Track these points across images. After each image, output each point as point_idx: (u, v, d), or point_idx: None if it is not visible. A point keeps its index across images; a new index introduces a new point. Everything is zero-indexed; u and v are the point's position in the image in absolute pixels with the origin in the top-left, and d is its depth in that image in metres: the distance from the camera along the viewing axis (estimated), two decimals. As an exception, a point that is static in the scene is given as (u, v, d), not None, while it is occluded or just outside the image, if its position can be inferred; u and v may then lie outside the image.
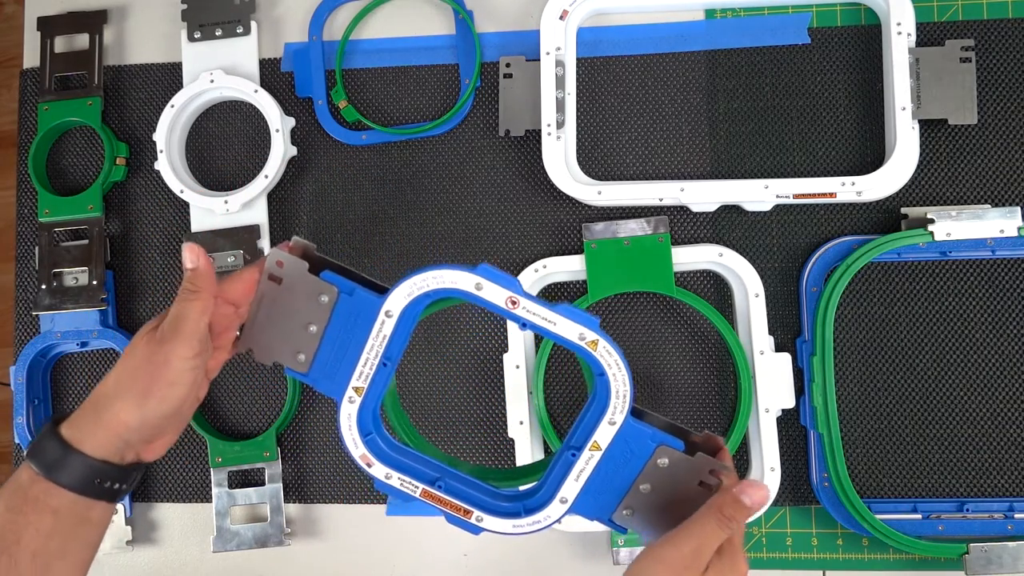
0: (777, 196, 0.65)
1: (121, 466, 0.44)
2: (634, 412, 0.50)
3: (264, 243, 0.71)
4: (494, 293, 0.49)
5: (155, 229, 0.74)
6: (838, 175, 0.66)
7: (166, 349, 0.44)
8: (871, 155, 0.68)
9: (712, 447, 0.49)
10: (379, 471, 0.52)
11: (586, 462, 0.51)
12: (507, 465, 0.69)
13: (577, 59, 0.69)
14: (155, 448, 0.47)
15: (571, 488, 0.51)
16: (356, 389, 0.51)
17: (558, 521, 0.51)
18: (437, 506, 0.52)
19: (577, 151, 0.69)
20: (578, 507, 0.51)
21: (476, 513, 0.52)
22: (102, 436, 0.44)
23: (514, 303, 0.49)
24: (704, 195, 0.66)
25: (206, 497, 0.71)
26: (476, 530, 0.51)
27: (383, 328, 0.51)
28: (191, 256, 0.46)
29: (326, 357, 0.51)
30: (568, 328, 0.49)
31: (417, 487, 0.52)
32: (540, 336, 0.68)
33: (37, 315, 0.72)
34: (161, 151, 0.71)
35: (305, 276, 0.50)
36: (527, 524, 0.52)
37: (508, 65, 0.69)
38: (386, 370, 0.52)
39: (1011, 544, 0.61)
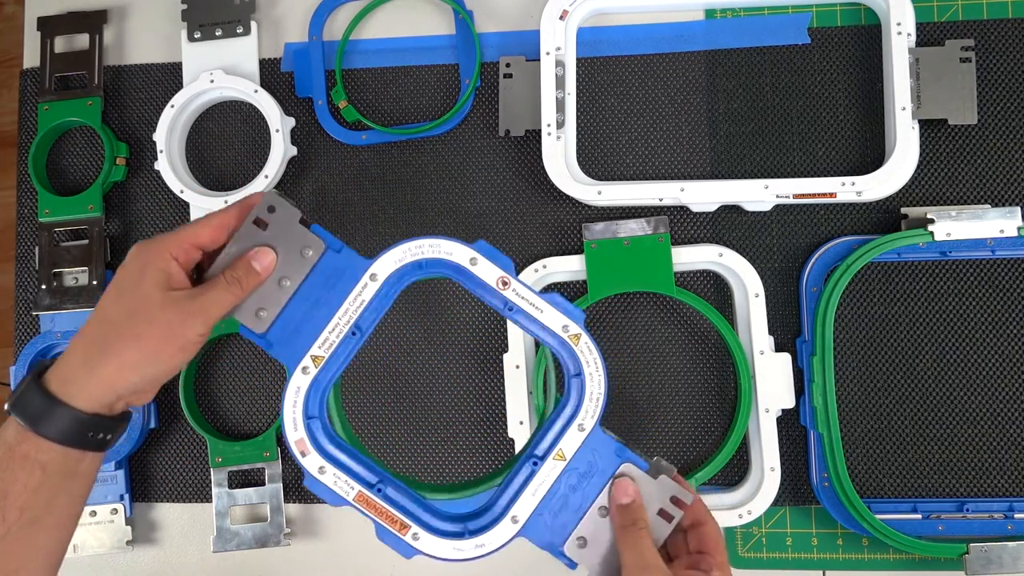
0: (777, 196, 0.65)
1: (111, 417, 0.44)
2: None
3: (264, 243, 0.71)
4: (487, 271, 0.47)
5: (155, 229, 0.74)
6: (838, 175, 0.66)
7: (188, 322, 0.44)
8: (871, 155, 0.68)
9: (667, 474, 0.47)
10: (313, 462, 0.47)
11: (547, 474, 0.47)
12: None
13: (577, 59, 0.69)
14: (143, 397, 0.46)
15: (526, 505, 0.47)
16: (315, 359, 0.47)
17: (504, 546, 0.47)
18: (371, 514, 0.47)
19: (577, 151, 0.69)
20: (529, 529, 0.47)
21: (414, 529, 0.47)
22: (95, 389, 0.43)
23: (505, 283, 0.47)
24: (704, 195, 0.66)
25: (206, 497, 0.71)
26: (409, 552, 0.47)
27: (363, 292, 0.47)
28: (263, 263, 0.46)
29: (290, 318, 0.47)
30: (553, 317, 0.47)
31: (353, 488, 0.47)
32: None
33: (37, 315, 0.72)
34: (161, 151, 0.71)
35: (294, 226, 0.47)
36: (469, 548, 0.47)
37: (508, 65, 0.69)
38: (354, 340, 0.48)
39: (1011, 544, 0.61)
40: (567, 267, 0.67)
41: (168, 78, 0.75)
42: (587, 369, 0.49)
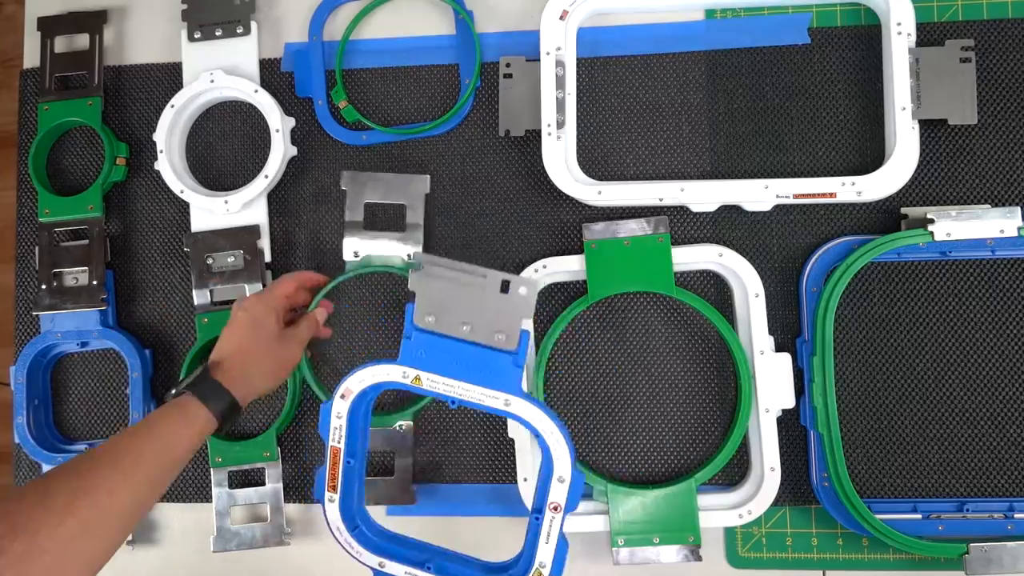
0: (777, 196, 0.65)
1: (240, 406, 0.58)
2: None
3: (264, 243, 0.71)
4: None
5: (155, 229, 0.74)
6: (838, 175, 0.66)
7: (294, 352, 0.62)
8: (871, 155, 0.68)
9: None
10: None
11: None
12: (506, 465, 0.69)
13: (577, 59, 0.69)
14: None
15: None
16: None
17: None
18: None
19: (577, 151, 0.69)
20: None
21: None
22: (247, 391, 0.58)
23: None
24: (704, 195, 0.66)
25: (206, 497, 0.71)
26: None
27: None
28: (322, 313, 0.66)
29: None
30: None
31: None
32: (541, 336, 0.68)
33: (37, 315, 0.72)
34: (161, 151, 0.71)
35: None
36: None
37: (508, 65, 0.69)
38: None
39: (1011, 544, 0.61)
40: (567, 267, 0.67)
41: (168, 78, 0.75)
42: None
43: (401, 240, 0.68)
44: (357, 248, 0.68)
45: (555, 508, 0.55)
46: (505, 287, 0.55)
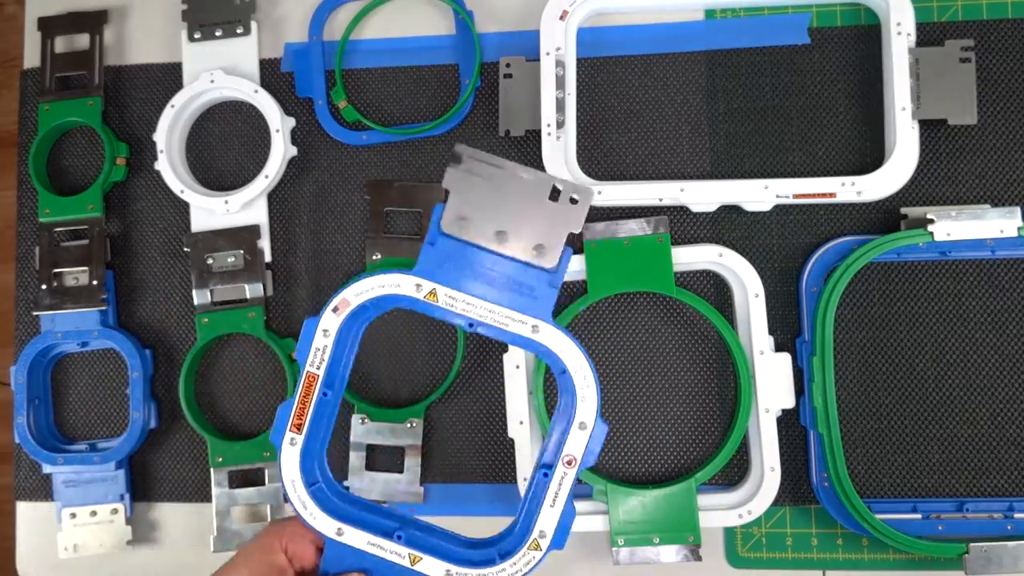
0: (777, 196, 0.65)
1: None
2: None
3: (264, 243, 0.71)
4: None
5: (155, 229, 0.74)
6: (838, 175, 0.66)
7: None
8: (871, 155, 0.68)
9: None
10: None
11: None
12: (506, 466, 0.69)
13: (577, 59, 0.69)
14: None
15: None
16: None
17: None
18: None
19: (577, 151, 0.69)
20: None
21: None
22: None
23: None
24: (704, 195, 0.66)
25: (206, 497, 0.71)
26: None
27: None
28: None
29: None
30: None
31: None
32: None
33: (37, 315, 0.72)
34: (161, 151, 0.71)
35: None
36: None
37: (508, 65, 0.69)
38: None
39: (1011, 544, 0.61)
40: (567, 267, 0.67)
41: (168, 78, 0.75)
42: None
43: (417, 244, 0.69)
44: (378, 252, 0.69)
45: (569, 462, 0.47)
46: (555, 195, 0.48)
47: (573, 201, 0.48)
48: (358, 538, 0.49)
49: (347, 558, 0.49)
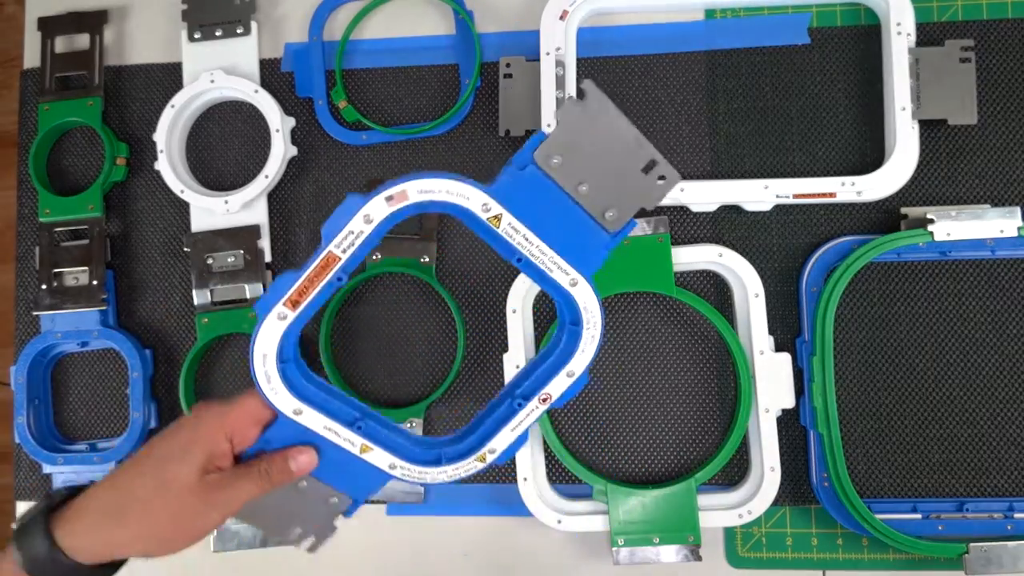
0: (777, 196, 0.65)
1: (105, 565, 0.45)
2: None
3: (264, 243, 0.71)
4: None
5: (155, 229, 0.74)
6: (838, 175, 0.66)
7: (209, 513, 0.45)
8: (871, 155, 0.68)
9: None
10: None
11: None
12: (506, 465, 0.69)
13: (577, 59, 0.69)
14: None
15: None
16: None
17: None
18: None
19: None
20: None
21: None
22: (100, 550, 0.44)
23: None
24: (704, 195, 0.66)
25: (206, 497, 0.71)
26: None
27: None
28: (300, 463, 0.48)
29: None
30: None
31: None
32: (541, 334, 0.68)
33: (37, 315, 0.72)
34: (161, 151, 0.71)
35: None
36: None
37: (508, 65, 0.69)
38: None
39: (1011, 544, 0.61)
40: (567, 267, 0.67)
41: (168, 78, 0.75)
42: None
43: (417, 244, 0.69)
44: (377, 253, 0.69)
45: (544, 400, 0.49)
46: (650, 167, 0.46)
47: (660, 179, 0.46)
48: (315, 420, 0.48)
49: (296, 436, 0.49)
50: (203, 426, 0.46)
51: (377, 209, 0.45)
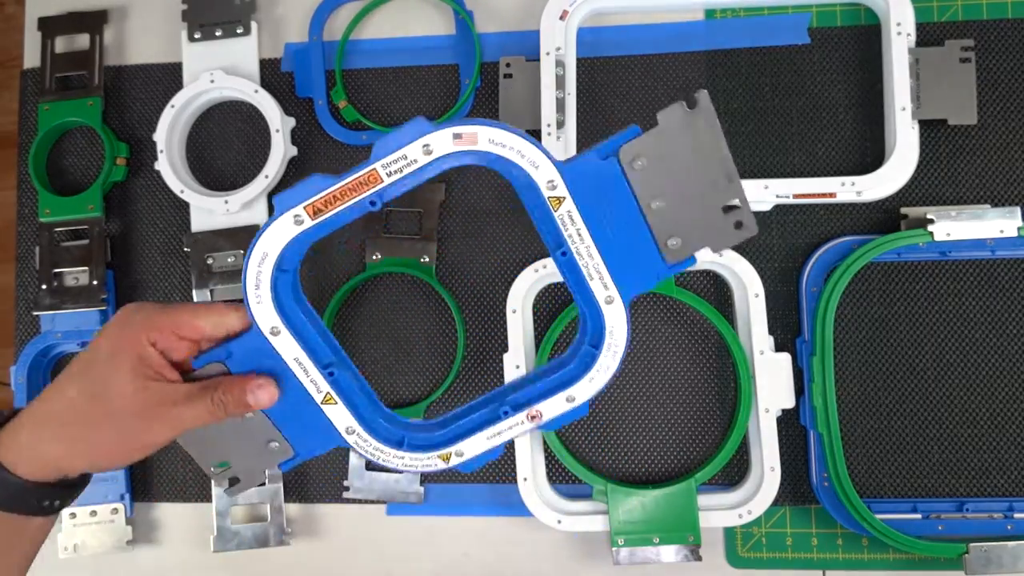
0: (777, 196, 0.65)
1: (60, 484, 0.43)
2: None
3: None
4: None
5: (155, 229, 0.74)
6: (838, 175, 0.66)
7: (155, 427, 0.42)
8: (871, 155, 0.68)
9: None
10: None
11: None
12: (506, 465, 0.69)
13: (577, 59, 0.69)
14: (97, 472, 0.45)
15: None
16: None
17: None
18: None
19: (577, 151, 0.69)
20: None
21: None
22: (39, 466, 0.42)
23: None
24: (704, 195, 0.65)
25: (206, 497, 0.71)
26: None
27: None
28: (259, 399, 0.44)
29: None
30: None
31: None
32: (541, 335, 0.68)
33: (37, 315, 0.72)
34: (161, 151, 0.71)
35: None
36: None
37: (508, 65, 0.69)
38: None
39: (1011, 544, 0.61)
40: (567, 267, 0.67)
41: (168, 78, 0.75)
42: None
43: (417, 244, 0.69)
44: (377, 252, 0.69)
45: (533, 417, 0.45)
46: (731, 208, 0.43)
47: (738, 225, 0.43)
48: (289, 348, 0.44)
49: (256, 358, 0.44)
50: (121, 333, 0.42)
51: (441, 143, 0.41)
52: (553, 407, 0.45)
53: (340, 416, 0.45)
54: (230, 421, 0.45)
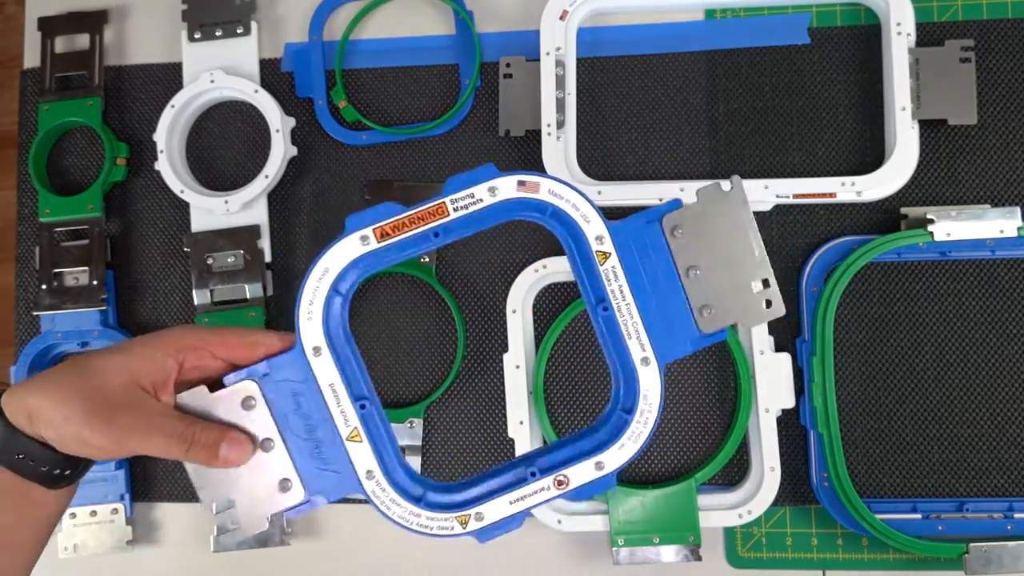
0: (777, 196, 0.65)
1: (56, 452, 0.42)
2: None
3: (264, 243, 0.71)
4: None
5: (155, 229, 0.74)
6: (838, 175, 0.66)
7: (121, 440, 0.42)
8: (871, 155, 0.68)
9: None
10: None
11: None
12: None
13: (577, 59, 0.69)
14: (60, 442, 0.43)
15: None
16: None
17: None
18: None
19: (577, 151, 0.69)
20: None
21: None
22: (25, 419, 0.42)
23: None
24: (704, 195, 0.66)
25: (206, 497, 0.71)
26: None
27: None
28: (234, 455, 0.43)
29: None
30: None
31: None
32: (541, 335, 0.68)
33: (37, 315, 0.72)
34: (161, 151, 0.71)
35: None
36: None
37: (508, 65, 0.69)
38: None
39: (1011, 544, 0.61)
40: (567, 267, 0.67)
41: (168, 78, 0.75)
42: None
43: None
44: None
45: (560, 483, 0.44)
46: (766, 284, 0.46)
47: (767, 304, 0.45)
48: (326, 371, 0.44)
49: (292, 382, 0.44)
50: (164, 336, 0.44)
51: (506, 186, 0.44)
52: (581, 473, 0.44)
53: (363, 457, 0.44)
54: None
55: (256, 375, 0.45)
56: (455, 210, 0.45)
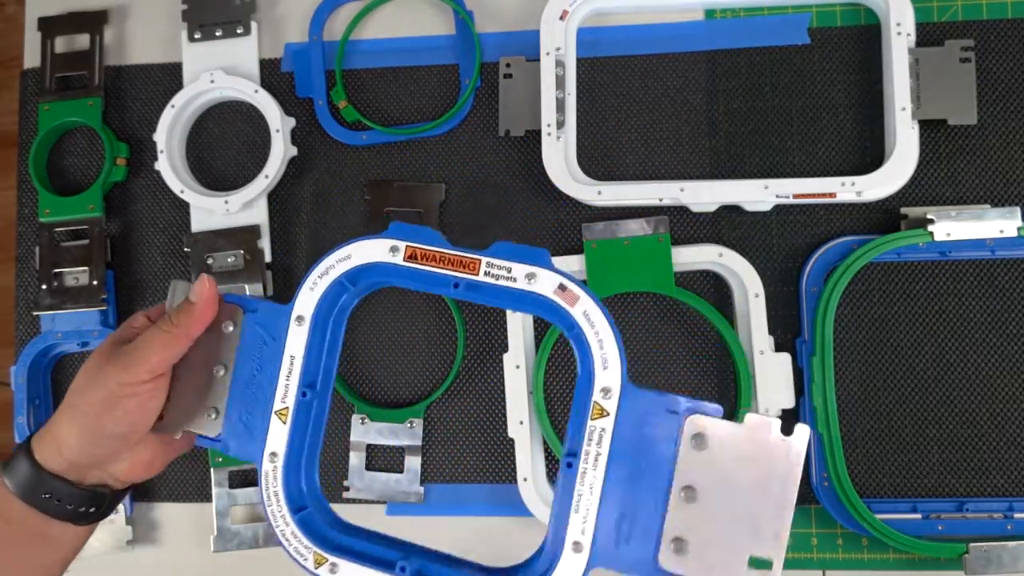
0: (777, 196, 0.65)
1: (78, 485, 0.43)
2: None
3: (264, 243, 0.71)
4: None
5: (155, 229, 0.74)
6: (838, 175, 0.66)
7: (124, 374, 0.42)
8: (871, 155, 0.68)
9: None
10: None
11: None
12: (506, 465, 0.69)
13: (577, 59, 0.69)
14: (115, 474, 0.45)
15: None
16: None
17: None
18: None
19: (577, 151, 0.69)
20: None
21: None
22: (50, 449, 0.43)
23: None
24: (704, 195, 0.66)
25: (206, 497, 0.71)
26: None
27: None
28: (197, 291, 0.44)
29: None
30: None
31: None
32: (541, 334, 0.68)
33: (37, 315, 0.72)
34: (161, 151, 0.71)
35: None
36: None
37: (508, 65, 0.69)
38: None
39: (1011, 544, 0.61)
40: (567, 267, 0.67)
41: (168, 78, 0.75)
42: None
43: None
44: None
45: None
46: (755, 564, 0.39)
47: None
48: (295, 342, 0.43)
49: (262, 329, 0.44)
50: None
51: (545, 281, 0.40)
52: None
53: (277, 437, 0.43)
54: (201, 363, 0.45)
55: (248, 307, 0.45)
56: (486, 274, 0.42)
